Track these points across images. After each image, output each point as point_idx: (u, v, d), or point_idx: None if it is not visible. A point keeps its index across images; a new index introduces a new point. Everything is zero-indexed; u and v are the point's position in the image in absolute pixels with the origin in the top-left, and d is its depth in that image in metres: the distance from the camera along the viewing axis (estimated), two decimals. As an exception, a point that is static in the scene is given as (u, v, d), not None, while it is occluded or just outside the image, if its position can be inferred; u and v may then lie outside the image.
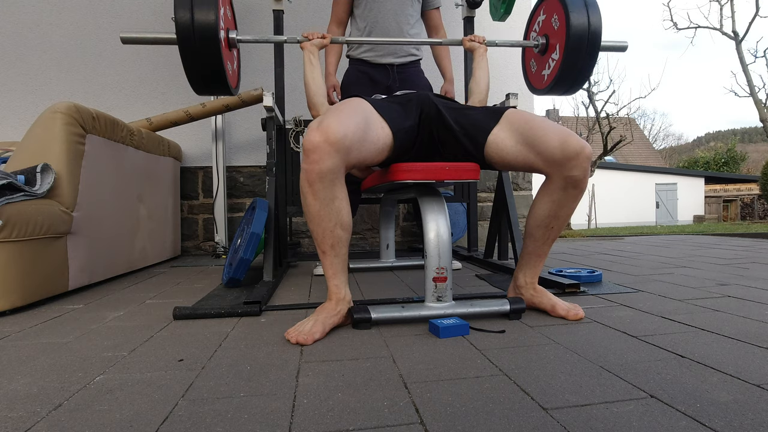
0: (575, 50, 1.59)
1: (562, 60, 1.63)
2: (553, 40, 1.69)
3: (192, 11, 1.43)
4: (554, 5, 1.68)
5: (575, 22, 1.57)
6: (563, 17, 1.60)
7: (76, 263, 1.67)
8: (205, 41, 1.45)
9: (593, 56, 1.62)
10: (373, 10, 1.99)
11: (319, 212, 1.08)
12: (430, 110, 1.29)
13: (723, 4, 14.03)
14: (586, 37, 1.58)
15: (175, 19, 1.43)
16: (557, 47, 1.67)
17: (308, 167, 1.04)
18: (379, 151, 1.17)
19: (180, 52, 1.46)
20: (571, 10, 1.57)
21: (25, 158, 1.58)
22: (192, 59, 1.48)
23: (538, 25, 1.80)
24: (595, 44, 1.59)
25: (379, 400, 0.73)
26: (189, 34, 1.44)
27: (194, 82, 1.55)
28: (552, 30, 1.70)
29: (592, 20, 1.58)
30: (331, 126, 1.02)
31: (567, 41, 1.59)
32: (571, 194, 1.17)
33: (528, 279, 1.29)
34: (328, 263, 1.14)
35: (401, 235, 3.17)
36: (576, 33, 1.57)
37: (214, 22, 1.44)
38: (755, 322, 1.12)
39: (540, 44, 1.75)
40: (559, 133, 1.13)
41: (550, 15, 1.71)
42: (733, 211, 16.57)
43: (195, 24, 1.43)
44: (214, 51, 1.47)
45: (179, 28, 1.43)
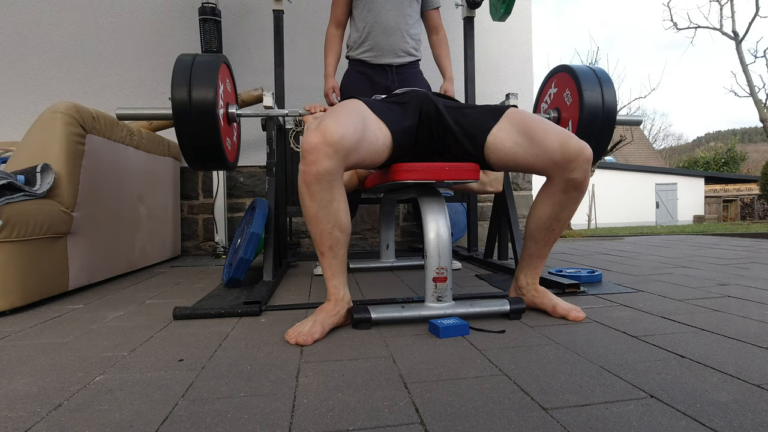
0: (590, 127, 1.54)
1: (576, 135, 1.59)
2: (566, 114, 1.64)
3: (190, 90, 1.39)
4: (566, 80, 1.64)
5: (589, 100, 1.51)
6: (576, 94, 1.55)
7: (76, 263, 1.67)
8: (203, 120, 1.41)
9: (608, 133, 1.57)
10: (372, 10, 1.99)
11: (317, 214, 1.08)
12: (430, 110, 1.28)
13: (723, 4, 14.05)
14: (600, 115, 1.53)
15: (171, 97, 1.39)
16: (570, 123, 1.62)
17: (305, 168, 1.03)
18: (378, 151, 1.17)
19: (176, 131, 1.43)
20: (585, 88, 1.52)
21: (25, 158, 1.58)
22: (188, 139, 1.44)
23: (549, 98, 1.76)
24: (610, 121, 1.54)
25: (379, 400, 0.73)
26: (186, 113, 1.40)
27: (190, 159, 1.52)
28: (564, 105, 1.65)
29: (607, 97, 1.53)
30: (329, 127, 1.02)
31: (581, 119, 1.54)
32: (572, 196, 1.16)
33: (529, 280, 1.29)
34: (326, 264, 1.14)
35: (401, 235, 3.17)
36: (590, 110, 1.52)
37: (212, 100, 1.40)
38: (755, 322, 1.12)
39: (551, 118, 1.71)
40: (559, 134, 1.12)
41: (561, 89, 1.67)
42: (733, 211, 16.57)
43: (193, 103, 1.39)
44: (212, 130, 1.43)
45: (176, 107, 1.40)
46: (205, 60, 1.50)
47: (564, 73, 1.69)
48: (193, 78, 1.43)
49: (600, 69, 1.60)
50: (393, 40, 2.02)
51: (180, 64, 1.46)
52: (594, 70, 1.60)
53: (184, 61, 1.47)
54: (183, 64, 1.46)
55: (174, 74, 1.43)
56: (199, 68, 1.46)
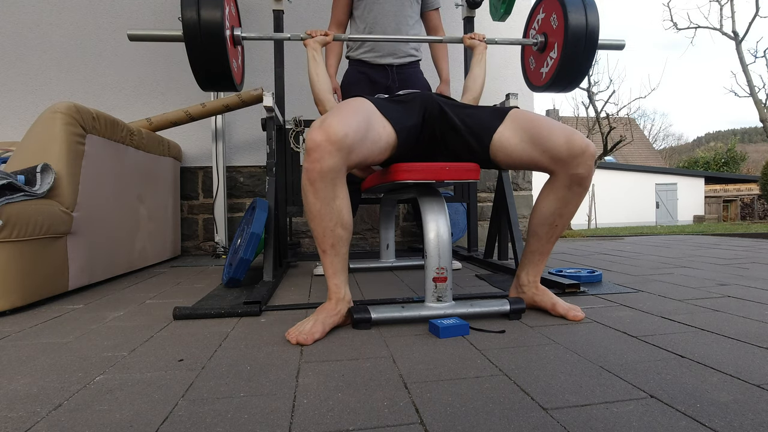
0: (573, 48, 1.60)
1: (560, 58, 1.64)
2: (552, 38, 1.71)
3: (198, 10, 1.44)
4: (553, 4, 1.69)
5: (573, 21, 1.58)
6: (561, 16, 1.62)
7: (76, 263, 1.67)
8: (212, 39, 1.46)
9: (591, 54, 1.63)
10: (372, 11, 1.99)
11: (320, 211, 1.08)
12: (434, 109, 1.29)
13: (723, 4, 14.03)
14: (583, 36, 1.60)
15: (182, 18, 1.45)
16: (555, 45, 1.68)
17: (309, 166, 1.04)
18: (381, 150, 1.18)
19: (187, 49, 1.48)
20: (569, 10, 1.59)
21: (25, 158, 1.58)
22: (198, 57, 1.49)
23: (537, 24, 1.81)
24: (592, 42, 1.61)
25: (379, 400, 0.73)
26: (196, 32, 1.45)
27: (200, 78, 1.56)
28: (551, 28, 1.71)
29: (590, 19, 1.60)
30: (333, 125, 1.02)
31: (565, 40, 1.60)
32: (576, 192, 1.17)
33: (531, 277, 1.29)
34: (328, 262, 1.14)
35: (401, 235, 3.17)
36: (574, 31, 1.59)
37: (220, 20, 1.45)
38: (755, 322, 1.12)
39: (539, 42, 1.76)
40: (564, 131, 1.15)
41: (549, 14, 1.72)
42: (733, 211, 16.57)
43: (201, 22, 1.45)
44: (220, 49, 1.49)
45: (186, 26, 1.45)
46: None
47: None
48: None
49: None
50: (393, 40, 2.02)
51: None
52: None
53: None
54: None
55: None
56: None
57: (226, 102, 2.59)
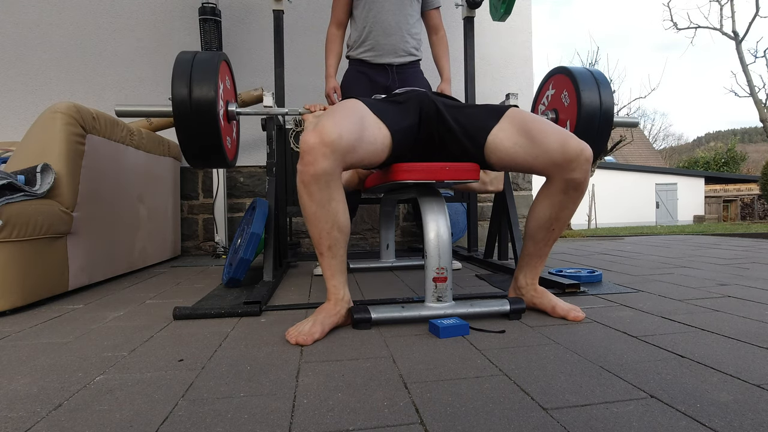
0: (587, 128, 1.56)
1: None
2: (563, 115, 1.67)
3: (190, 88, 1.38)
4: (563, 81, 1.65)
5: (587, 101, 1.54)
6: (574, 95, 1.57)
7: (76, 263, 1.67)
8: (204, 118, 1.41)
9: (606, 134, 1.59)
10: (372, 10, 1.99)
11: (316, 214, 1.08)
12: (430, 109, 1.28)
13: (723, 4, 14.05)
14: (598, 115, 1.55)
15: (172, 96, 1.39)
16: (567, 123, 1.64)
17: (303, 169, 1.04)
18: (377, 151, 1.17)
19: (176, 128, 1.42)
20: (582, 89, 1.54)
21: (25, 158, 1.58)
22: (189, 136, 1.44)
23: (547, 99, 1.78)
24: (607, 122, 1.56)
25: (379, 400, 0.73)
26: (186, 111, 1.39)
27: (190, 156, 1.51)
28: (562, 106, 1.67)
29: (604, 98, 1.55)
30: (327, 127, 1.02)
31: (578, 118, 1.56)
32: (571, 196, 1.16)
33: (528, 280, 1.29)
34: (326, 264, 1.14)
35: (401, 235, 3.17)
36: (588, 111, 1.54)
37: (213, 99, 1.40)
38: (755, 322, 1.12)
39: (549, 119, 1.73)
40: (559, 134, 1.12)
41: (559, 90, 1.68)
42: (733, 211, 16.57)
43: (193, 101, 1.39)
44: (212, 128, 1.43)
45: (176, 105, 1.39)
46: (205, 57, 1.49)
47: (561, 75, 1.69)
48: (193, 76, 1.42)
49: (597, 71, 1.62)
50: (393, 39, 2.02)
51: (180, 62, 1.45)
52: (591, 72, 1.61)
53: (184, 59, 1.46)
54: (183, 62, 1.45)
55: (174, 72, 1.43)
56: (199, 66, 1.45)
57: (226, 102, 2.59)
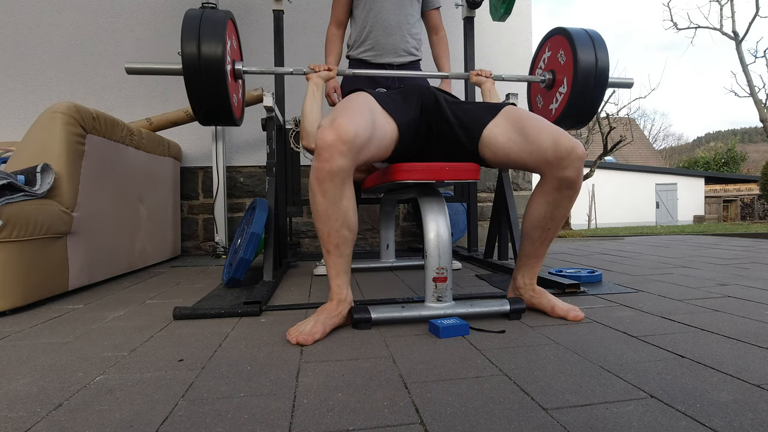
0: (583, 85, 1.58)
1: (569, 93, 1.62)
2: (560, 75, 1.69)
3: (199, 44, 1.40)
4: (560, 42, 1.67)
5: (583, 57, 1.57)
6: (570, 53, 1.60)
7: (76, 263, 1.67)
8: (212, 75, 1.43)
9: (601, 91, 1.61)
10: (372, 9, 1.99)
11: (327, 211, 1.08)
12: (430, 102, 1.29)
13: (723, 4, 14.03)
14: (593, 73, 1.58)
15: (181, 52, 1.41)
16: (565, 81, 1.66)
17: (319, 165, 1.03)
18: (386, 146, 1.18)
19: (186, 84, 1.44)
20: (578, 46, 1.57)
21: (25, 158, 1.58)
22: (198, 92, 1.46)
23: (544, 62, 1.79)
24: (603, 80, 1.59)
25: (379, 400, 0.73)
26: (195, 68, 1.42)
27: (199, 113, 1.53)
28: (558, 65, 1.69)
29: (600, 56, 1.59)
30: (344, 124, 1.02)
31: (575, 76, 1.59)
32: (565, 195, 1.16)
33: (527, 280, 1.29)
34: (332, 263, 1.14)
35: (401, 235, 3.17)
36: (584, 68, 1.57)
37: (221, 55, 1.42)
38: (755, 322, 1.12)
39: (546, 79, 1.75)
40: (551, 132, 1.13)
41: (555, 51, 1.71)
42: (733, 212, 16.57)
43: (202, 57, 1.41)
44: (220, 84, 1.45)
45: (186, 61, 1.41)
46: (213, 15, 1.50)
47: (559, 36, 1.71)
48: (201, 33, 1.43)
49: (593, 31, 1.65)
50: (394, 39, 2.02)
51: (189, 19, 1.46)
52: (587, 32, 1.64)
53: (193, 16, 1.47)
54: (191, 19, 1.45)
55: (183, 29, 1.43)
56: (207, 23, 1.46)
57: (226, 102, 2.59)
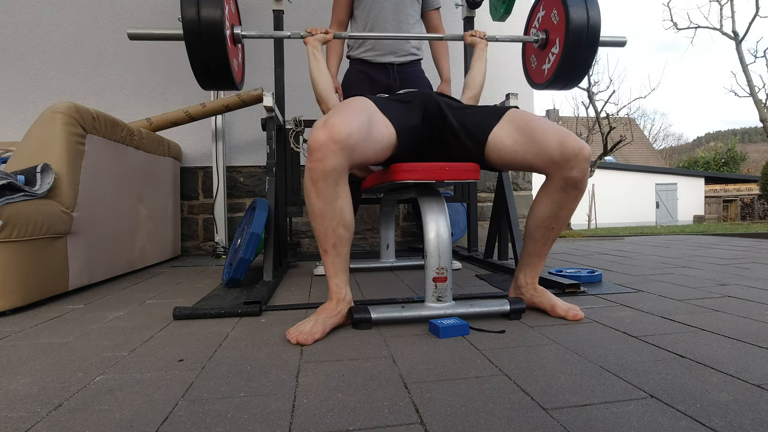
0: (575, 44, 1.61)
1: (561, 53, 1.64)
2: (553, 34, 1.71)
3: (198, 8, 1.44)
4: (553, 1, 1.69)
5: (574, 16, 1.59)
6: (563, 12, 1.62)
7: (76, 263, 1.67)
8: (212, 38, 1.46)
9: (592, 50, 1.64)
10: (372, 9, 1.99)
11: (322, 211, 1.08)
12: (433, 108, 1.29)
13: (723, 4, 14.02)
14: (585, 31, 1.60)
15: (182, 17, 1.44)
16: (557, 41, 1.68)
17: (312, 165, 1.04)
18: (383, 149, 1.18)
19: (187, 48, 1.48)
20: (570, 5, 1.59)
21: (25, 158, 1.58)
22: (199, 55, 1.49)
23: (538, 21, 1.82)
24: (594, 38, 1.61)
25: (379, 400, 0.73)
26: (196, 31, 1.45)
27: (200, 76, 1.56)
28: (552, 25, 1.71)
29: (591, 14, 1.60)
30: (336, 124, 1.02)
31: (567, 35, 1.61)
32: (571, 195, 1.16)
33: (528, 279, 1.29)
34: (329, 262, 1.14)
35: (401, 235, 3.17)
36: (575, 27, 1.59)
37: (220, 18, 1.45)
38: (755, 322, 1.12)
39: (540, 39, 1.77)
40: (558, 133, 1.13)
41: (549, 10, 1.73)
42: (733, 211, 16.57)
43: (201, 21, 1.44)
44: (220, 47, 1.48)
45: (186, 25, 1.44)
46: None
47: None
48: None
49: None
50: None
51: None
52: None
53: None
54: None
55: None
56: None
57: (226, 102, 2.59)
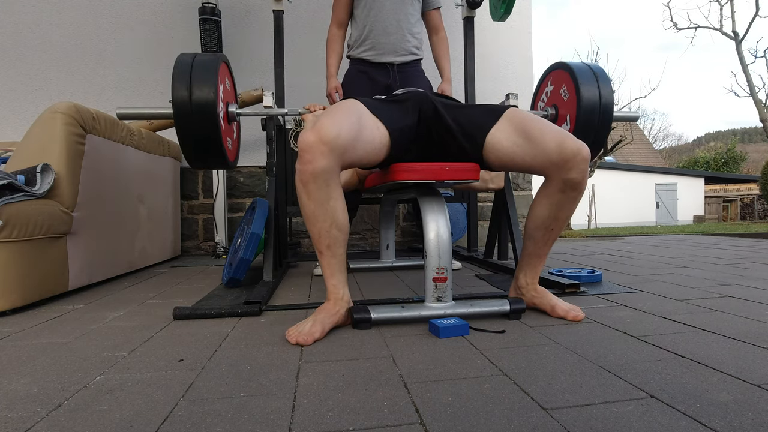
0: (587, 121, 1.56)
1: (573, 130, 1.59)
2: (563, 110, 1.67)
3: (190, 91, 1.39)
4: (562, 77, 1.65)
5: (586, 94, 1.54)
6: (573, 89, 1.57)
7: (76, 263, 1.67)
8: (204, 120, 1.42)
9: (606, 128, 1.58)
10: (373, 9, 1.99)
11: (314, 212, 1.08)
12: (428, 109, 1.29)
13: (723, 4, 14.04)
14: (597, 111, 1.55)
15: (172, 98, 1.39)
16: (568, 118, 1.64)
17: (301, 167, 1.04)
18: (375, 150, 1.17)
19: (176, 130, 1.44)
20: (581, 83, 1.54)
21: (25, 158, 1.58)
22: (189, 138, 1.45)
23: (546, 96, 1.78)
24: (607, 118, 1.56)
25: (379, 400, 0.73)
26: (187, 113, 1.40)
27: (191, 157, 1.52)
28: (561, 101, 1.67)
29: (603, 94, 1.55)
30: (325, 126, 1.03)
31: (578, 114, 1.56)
32: (570, 196, 1.16)
33: (528, 280, 1.29)
34: (325, 263, 1.14)
35: (401, 235, 3.17)
36: (587, 106, 1.54)
37: (213, 100, 1.41)
38: (755, 322, 1.12)
39: (549, 114, 1.73)
40: (556, 134, 1.13)
41: (558, 86, 1.68)
42: (733, 211, 16.57)
43: (193, 103, 1.40)
44: (212, 130, 1.44)
45: (176, 107, 1.40)
46: (204, 60, 1.50)
47: (560, 70, 1.69)
48: (193, 78, 1.43)
49: (596, 66, 1.63)
50: (394, 38, 2.02)
51: (180, 64, 1.46)
52: (590, 67, 1.62)
53: (184, 61, 1.47)
54: (183, 64, 1.46)
55: (174, 74, 1.43)
56: (199, 68, 1.46)
57: (226, 102, 2.59)
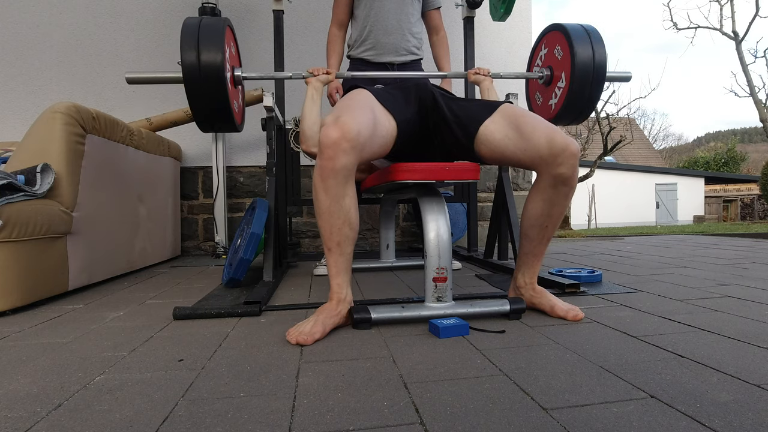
0: (582, 78, 1.58)
1: (569, 87, 1.61)
2: (558, 70, 1.69)
3: (198, 53, 1.42)
4: (556, 38, 1.67)
5: (580, 52, 1.57)
6: (567, 48, 1.60)
7: (76, 263, 1.67)
8: (212, 82, 1.45)
9: (599, 86, 1.61)
10: (373, 9, 1.99)
11: (330, 208, 1.08)
12: (427, 97, 1.31)
13: (723, 4, 14.03)
14: (591, 68, 1.58)
15: (181, 61, 1.43)
16: (563, 75, 1.66)
17: (323, 163, 1.04)
18: (387, 143, 1.20)
19: (186, 92, 1.46)
20: (575, 42, 1.57)
21: (25, 158, 1.58)
22: (199, 100, 1.48)
23: (541, 59, 1.80)
24: (601, 74, 1.59)
25: (379, 400, 0.73)
26: (196, 76, 1.44)
27: (201, 120, 1.55)
28: (556, 60, 1.69)
29: (597, 51, 1.58)
30: (347, 122, 1.04)
31: (573, 69, 1.58)
32: (561, 192, 1.17)
33: (527, 279, 1.29)
34: (332, 261, 1.14)
35: (401, 235, 3.17)
36: (582, 62, 1.57)
37: (220, 63, 1.44)
38: (755, 322, 1.12)
39: (545, 75, 1.75)
40: (546, 130, 1.14)
41: (551, 47, 1.71)
42: (733, 212, 16.57)
43: (201, 65, 1.43)
44: (221, 91, 1.47)
45: (186, 69, 1.43)
46: (211, 23, 1.51)
47: (555, 32, 1.71)
48: (201, 40, 1.45)
49: (590, 26, 1.64)
50: (394, 38, 2.02)
51: (187, 27, 1.47)
52: (583, 27, 1.64)
53: (192, 24, 1.48)
54: (190, 27, 1.47)
55: (182, 38, 1.45)
56: (206, 31, 1.47)
57: (226, 102, 2.59)
